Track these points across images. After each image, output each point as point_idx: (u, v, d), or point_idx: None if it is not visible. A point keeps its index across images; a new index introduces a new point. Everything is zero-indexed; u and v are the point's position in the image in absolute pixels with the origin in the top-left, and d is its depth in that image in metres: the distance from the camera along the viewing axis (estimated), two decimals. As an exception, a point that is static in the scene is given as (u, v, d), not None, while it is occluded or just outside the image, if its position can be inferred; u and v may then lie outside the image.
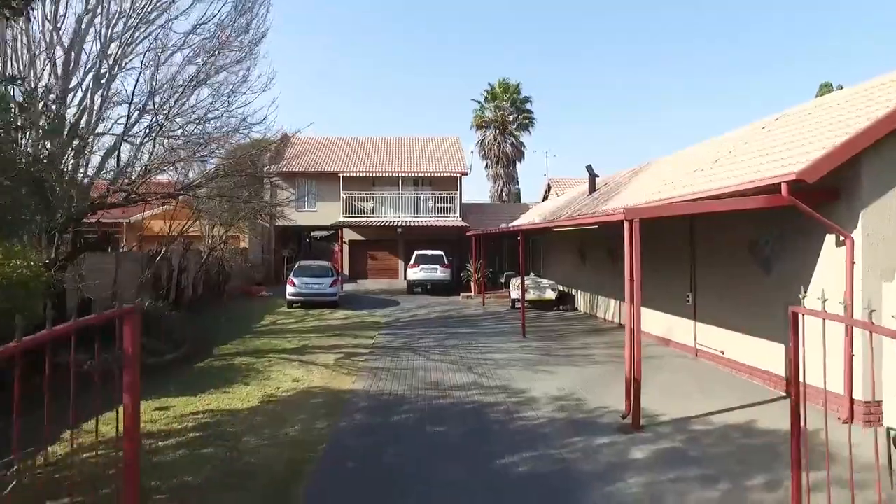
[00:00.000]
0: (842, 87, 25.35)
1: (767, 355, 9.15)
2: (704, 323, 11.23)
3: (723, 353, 10.49)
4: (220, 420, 7.43)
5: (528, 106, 44.94)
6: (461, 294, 23.74)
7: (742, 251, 9.88)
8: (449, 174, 29.44)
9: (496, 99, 44.63)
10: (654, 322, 13.43)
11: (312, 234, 42.43)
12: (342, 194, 28.84)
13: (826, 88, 31.49)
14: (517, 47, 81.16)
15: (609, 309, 16.53)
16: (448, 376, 10.11)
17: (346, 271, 29.30)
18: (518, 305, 20.09)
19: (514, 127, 44.36)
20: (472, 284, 24.43)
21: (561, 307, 19.40)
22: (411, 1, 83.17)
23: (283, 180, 29.79)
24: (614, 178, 19.99)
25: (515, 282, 20.27)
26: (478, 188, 58.84)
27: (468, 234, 24.24)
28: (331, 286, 19.69)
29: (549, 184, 31.01)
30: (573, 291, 19.98)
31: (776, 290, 8.91)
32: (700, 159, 12.76)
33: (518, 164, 44.86)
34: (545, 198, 31.17)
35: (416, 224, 28.15)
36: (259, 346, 12.73)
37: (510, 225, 22.89)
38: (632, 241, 7.47)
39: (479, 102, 45.59)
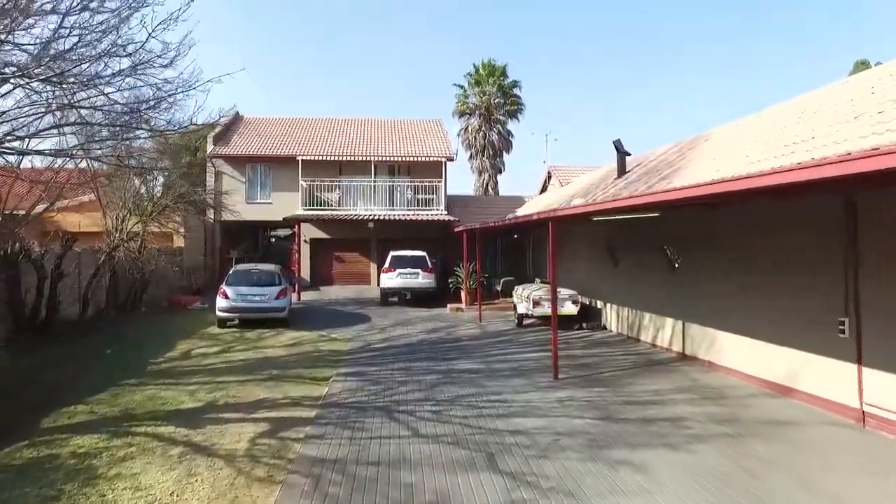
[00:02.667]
0: (880, 64, 21.53)
1: None
2: (881, 369, 6.66)
3: (942, 429, 5.92)
4: None
5: (516, 91, 40.58)
6: (448, 305, 18.91)
7: None
8: (431, 159, 24.59)
9: (481, 84, 40.09)
10: (758, 357, 8.87)
11: (276, 232, 37.19)
12: (301, 182, 23.75)
13: (863, 65, 27.74)
14: (506, 24, 76.63)
15: (662, 331, 11.93)
16: (455, 482, 5.33)
17: (306, 276, 24.26)
18: (526, 322, 15.47)
19: (501, 114, 39.86)
20: (463, 293, 19.60)
21: (584, 324, 14.75)
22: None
23: (230, 165, 24.75)
24: (649, 158, 15.47)
25: (523, 291, 15.58)
26: (460, 182, 54.02)
27: (457, 229, 19.43)
28: (277, 298, 14.68)
29: (549, 172, 26.41)
30: (598, 304, 15.37)
31: None
32: (820, 119, 8.28)
33: (505, 155, 40.40)
34: (544, 189, 26.61)
35: (393, 218, 23.22)
36: (135, 406, 7.74)
37: (531, 212, 17.60)
38: None
39: (462, 87, 41.09)
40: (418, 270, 19.45)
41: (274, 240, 38.08)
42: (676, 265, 11.33)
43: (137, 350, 11.51)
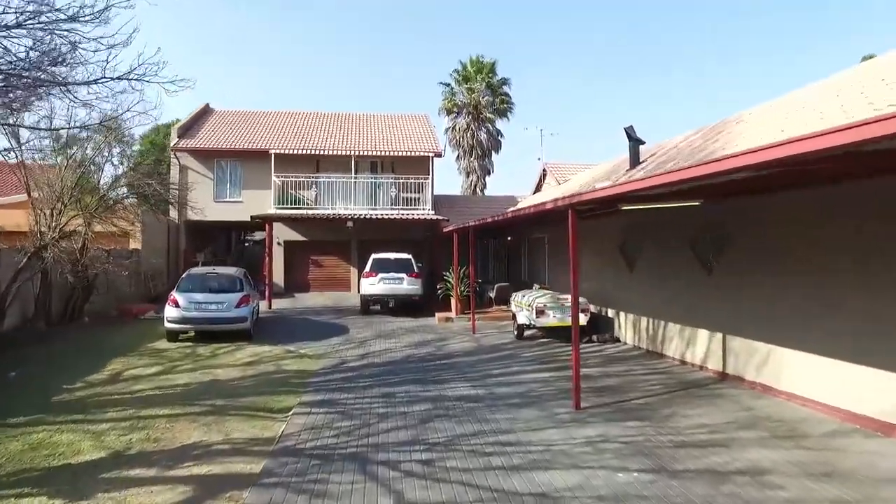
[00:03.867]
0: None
1: None
2: None
3: None
4: None
5: (505, 89, 38.81)
6: (437, 315, 16.84)
7: None
8: (417, 155, 22.60)
9: (469, 81, 38.29)
10: (840, 381, 6.95)
11: (252, 235, 34.91)
12: (274, 178, 21.59)
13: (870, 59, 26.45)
14: (495, 21, 75.02)
15: (694, 345, 10.02)
16: None
17: (280, 282, 22.08)
18: (527, 334, 13.47)
19: (490, 112, 38.00)
20: (454, 301, 17.55)
21: (594, 337, 12.82)
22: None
23: (197, 160, 22.55)
24: (665, 147, 13.69)
25: (523, 299, 13.61)
26: (447, 184, 52.13)
27: (447, 229, 17.41)
28: (238, 306, 12.50)
29: (544, 169, 24.57)
30: (608, 313, 13.44)
31: None
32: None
33: (494, 155, 38.58)
34: (538, 188, 24.77)
35: (375, 217, 21.16)
36: (5, 461, 5.57)
37: (544, 200, 15.36)
38: None
39: (449, 85, 39.27)
40: (403, 275, 17.38)
41: (249, 243, 35.74)
42: (713, 265, 9.44)
43: (53, 372, 9.30)
